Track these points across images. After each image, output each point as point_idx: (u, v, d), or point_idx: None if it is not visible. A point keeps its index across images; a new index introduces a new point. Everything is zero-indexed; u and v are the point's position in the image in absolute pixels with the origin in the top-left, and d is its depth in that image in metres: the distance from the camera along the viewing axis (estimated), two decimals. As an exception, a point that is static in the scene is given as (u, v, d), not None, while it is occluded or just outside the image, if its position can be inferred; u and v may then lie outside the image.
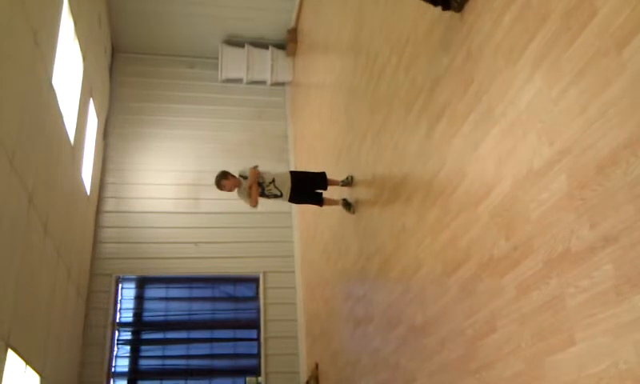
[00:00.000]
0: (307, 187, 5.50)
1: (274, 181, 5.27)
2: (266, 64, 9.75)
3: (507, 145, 2.63)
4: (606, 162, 1.98)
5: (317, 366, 6.99)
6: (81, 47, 7.09)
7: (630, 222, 1.86)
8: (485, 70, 2.86)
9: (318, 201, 5.58)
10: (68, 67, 6.58)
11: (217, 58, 9.68)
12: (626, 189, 1.88)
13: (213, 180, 5.21)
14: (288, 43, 9.67)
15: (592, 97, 2.06)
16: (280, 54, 9.83)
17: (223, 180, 5.21)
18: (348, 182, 5.53)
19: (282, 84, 10.12)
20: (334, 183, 5.61)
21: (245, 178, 5.20)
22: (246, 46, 9.69)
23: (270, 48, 9.79)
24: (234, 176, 5.23)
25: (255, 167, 5.24)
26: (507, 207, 2.62)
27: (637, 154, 1.83)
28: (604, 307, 1.96)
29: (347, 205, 5.46)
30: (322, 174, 5.61)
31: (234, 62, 9.66)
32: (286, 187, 5.30)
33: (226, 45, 9.71)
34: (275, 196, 5.31)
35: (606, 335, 1.95)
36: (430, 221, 3.55)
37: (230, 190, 5.25)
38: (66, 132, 6.44)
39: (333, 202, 5.65)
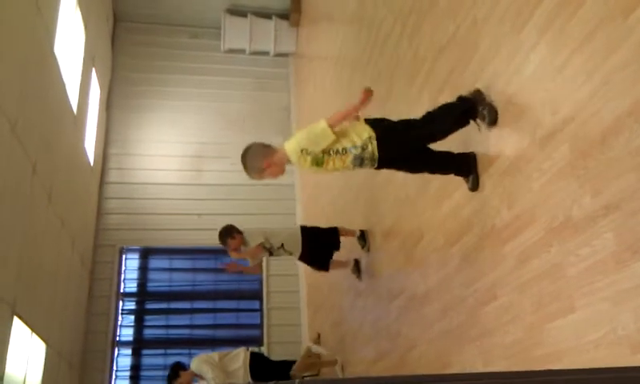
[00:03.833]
0: (319, 245, 5.10)
1: (282, 246, 4.97)
2: (269, 34, 9.60)
3: (510, 114, 2.62)
4: (609, 131, 1.97)
5: (319, 336, 7.06)
6: (83, 15, 7.02)
7: (632, 190, 1.86)
8: (490, 38, 2.83)
9: (325, 267, 5.20)
10: (70, 36, 6.52)
11: (219, 28, 9.55)
12: (629, 157, 1.88)
13: (216, 152, 4.94)
14: (292, 13, 9.53)
15: (597, 64, 2.04)
16: (284, 24, 9.69)
17: (229, 239, 4.84)
18: (364, 241, 5.02)
19: (286, 55, 9.99)
20: (349, 234, 5.19)
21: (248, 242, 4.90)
22: (249, 15, 9.55)
23: (274, 18, 9.64)
24: (239, 232, 4.86)
25: (260, 244, 4.89)
26: (510, 177, 2.62)
27: (640, 122, 1.83)
28: (603, 275, 1.98)
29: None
30: (334, 230, 5.17)
31: (237, 32, 9.53)
32: (297, 248, 5.01)
33: (229, 14, 9.58)
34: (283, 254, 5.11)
35: (605, 302, 1.97)
36: (432, 191, 3.55)
37: (236, 249, 4.90)
38: (69, 101, 6.40)
39: (342, 265, 5.32)
